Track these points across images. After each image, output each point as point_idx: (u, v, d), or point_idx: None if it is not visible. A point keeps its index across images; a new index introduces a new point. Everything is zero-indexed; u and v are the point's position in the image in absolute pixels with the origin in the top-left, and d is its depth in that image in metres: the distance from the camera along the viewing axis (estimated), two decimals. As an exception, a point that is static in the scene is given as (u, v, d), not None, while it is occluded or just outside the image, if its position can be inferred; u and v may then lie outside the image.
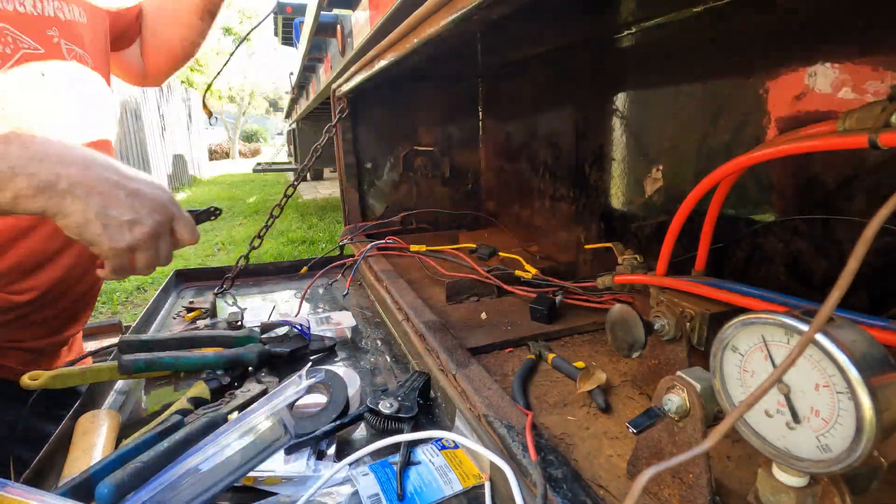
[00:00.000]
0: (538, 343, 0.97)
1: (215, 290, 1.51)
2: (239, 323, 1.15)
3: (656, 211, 1.09)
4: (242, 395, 0.88)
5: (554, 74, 1.46)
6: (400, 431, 0.72)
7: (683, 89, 0.99)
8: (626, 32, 1.12)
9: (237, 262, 1.57)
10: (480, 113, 1.93)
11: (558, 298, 1.08)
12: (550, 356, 0.89)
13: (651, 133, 1.09)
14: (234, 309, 1.29)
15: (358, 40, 1.37)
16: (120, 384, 0.98)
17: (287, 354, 1.02)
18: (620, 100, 1.18)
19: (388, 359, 1.08)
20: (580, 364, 0.91)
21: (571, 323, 1.05)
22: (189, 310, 1.20)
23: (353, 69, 1.26)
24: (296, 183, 1.61)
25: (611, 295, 1.09)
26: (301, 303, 1.29)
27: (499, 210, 1.90)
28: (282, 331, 1.09)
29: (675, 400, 0.52)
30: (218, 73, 1.70)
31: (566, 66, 1.39)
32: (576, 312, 1.09)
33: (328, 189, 8.53)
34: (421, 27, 0.85)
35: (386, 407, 0.76)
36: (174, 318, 1.20)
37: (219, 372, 0.97)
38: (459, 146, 1.95)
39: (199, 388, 0.91)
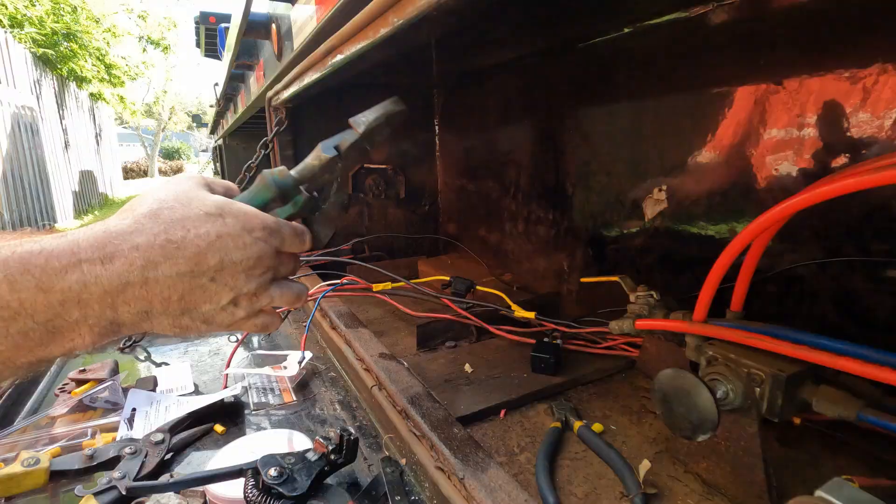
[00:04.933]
0: (563, 406, 0.78)
1: (121, 344, 1.20)
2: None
3: (660, 237, 0.95)
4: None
5: (525, 83, 1.32)
6: None
7: (691, 97, 0.86)
8: (616, 34, 0.99)
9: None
10: (437, 127, 1.76)
11: (559, 343, 0.91)
12: (577, 424, 0.71)
13: (651, 148, 0.96)
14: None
15: (299, 40, 1.16)
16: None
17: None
18: (610, 110, 1.05)
19: (352, 431, 0.85)
20: (598, 427, 0.74)
21: (573, 372, 0.88)
22: (79, 382, 0.90)
23: (296, 71, 1.04)
24: None
25: (614, 338, 0.94)
26: (229, 362, 1.03)
27: (461, 233, 1.73)
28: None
29: (826, 539, 0.35)
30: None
31: (540, 73, 1.25)
32: (576, 358, 0.93)
33: (260, 208, 7.99)
34: (388, 13, 0.66)
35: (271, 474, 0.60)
36: (57, 394, 0.90)
37: (116, 474, 0.70)
38: (415, 163, 1.76)
39: (86, 508, 0.63)
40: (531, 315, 0.94)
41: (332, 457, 0.67)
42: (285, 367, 1.02)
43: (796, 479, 0.61)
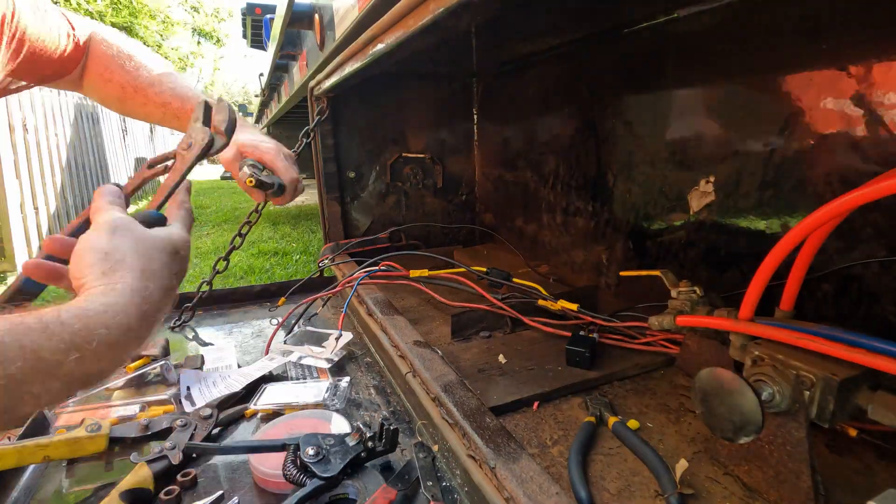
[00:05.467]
0: (597, 401, 0.77)
1: (171, 324, 1.27)
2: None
3: (705, 231, 0.92)
4: (201, 487, 0.66)
5: (566, 71, 1.29)
6: (301, 485, 0.62)
7: (744, 84, 0.82)
8: (664, 19, 0.95)
9: (198, 290, 1.33)
10: (475, 116, 1.75)
11: (595, 337, 0.89)
12: (612, 420, 0.70)
13: (698, 137, 0.92)
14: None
15: (341, 29, 1.17)
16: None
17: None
18: (656, 98, 1.01)
19: (386, 415, 0.87)
20: (633, 424, 0.73)
21: (610, 367, 0.87)
22: (133, 358, 0.96)
23: (337, 60, 1.05)
24: (262, 205, 1.40)
25: (653, 334, 0.91)
26: (269, 343, 1.07)
27: (497, 224, 1.72)
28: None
29: (877, 552, 0.33)
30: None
31: (582, 60, 1.21)
32: (612, 353, 0.91)
33: (301, 196, 8.24)
34: (429, 1, 0.65)
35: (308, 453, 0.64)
36: (114, 368, 0.96)
37: (167, 444, 0.74)
38: (452, 153, 1.76)
39: (139, 475, 0.68)
40: (574, 306, 0.93)
41: (370, 444, 0.69)
42: (323, 349, 1.05)
43: (846, 489, 0.58)
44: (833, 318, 0.73)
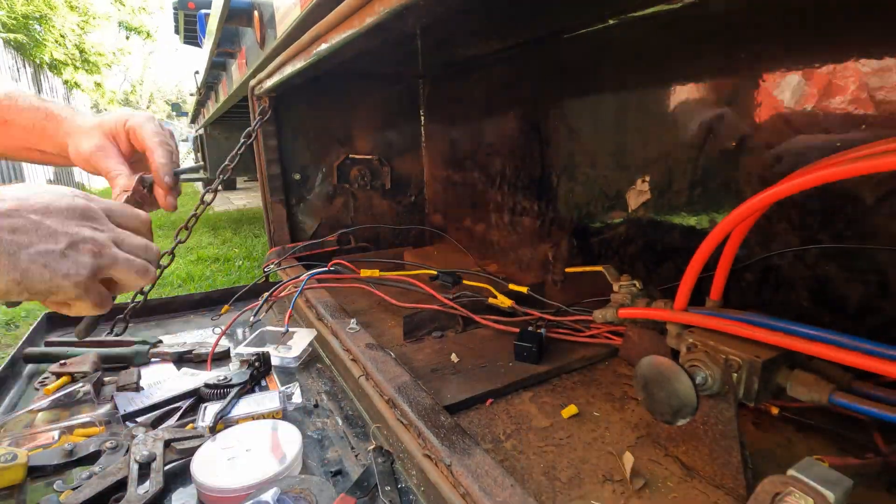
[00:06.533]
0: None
1: (102, 337, 1.18)
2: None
3: (643, 227, 0.97)
4: None
5: (510, 74, 1.32)
6: None
7: (675, 89, 0.88)
8: (601, 26, 0.99)
9: (132, 300, 1.24)
10: (423, 117, 1.75)
11: (542, 332, 0.92)
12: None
13: (635, 140, 0.97)
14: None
15: (282, 27, 1.14)
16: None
17: None
18: (595, 102, 1.05)
19: (339, 421, 0.86)
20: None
21: (558, 361, 0.90)
22: (58, 375, 0.88)
23: (279, 59, 1.02)
24: (206, 201, 1.33)
25: (598, 327, 0.96)
26: (212, 352, 1.02)
27: (447, 224, 1.73)
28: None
29: (797, 516, 0.37)
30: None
31: (526, 64, 1.25)
32: (560, 347, 0.94)
33: (242, 199, 7.88)
34: (374, 1, 0.65)
35: None
36: (36, 389, 0.88)
37: (97, 470, 0.69)
38: (400, 154, 1.75)
39: None
40: (510, 302, 0.96)
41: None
42: (290, 348, 1.01)
43: (771, 460, 0.63)
44: (756, 305, 0.79)
